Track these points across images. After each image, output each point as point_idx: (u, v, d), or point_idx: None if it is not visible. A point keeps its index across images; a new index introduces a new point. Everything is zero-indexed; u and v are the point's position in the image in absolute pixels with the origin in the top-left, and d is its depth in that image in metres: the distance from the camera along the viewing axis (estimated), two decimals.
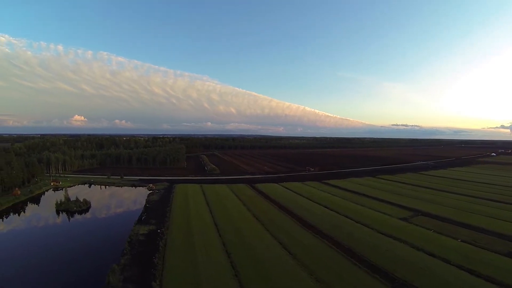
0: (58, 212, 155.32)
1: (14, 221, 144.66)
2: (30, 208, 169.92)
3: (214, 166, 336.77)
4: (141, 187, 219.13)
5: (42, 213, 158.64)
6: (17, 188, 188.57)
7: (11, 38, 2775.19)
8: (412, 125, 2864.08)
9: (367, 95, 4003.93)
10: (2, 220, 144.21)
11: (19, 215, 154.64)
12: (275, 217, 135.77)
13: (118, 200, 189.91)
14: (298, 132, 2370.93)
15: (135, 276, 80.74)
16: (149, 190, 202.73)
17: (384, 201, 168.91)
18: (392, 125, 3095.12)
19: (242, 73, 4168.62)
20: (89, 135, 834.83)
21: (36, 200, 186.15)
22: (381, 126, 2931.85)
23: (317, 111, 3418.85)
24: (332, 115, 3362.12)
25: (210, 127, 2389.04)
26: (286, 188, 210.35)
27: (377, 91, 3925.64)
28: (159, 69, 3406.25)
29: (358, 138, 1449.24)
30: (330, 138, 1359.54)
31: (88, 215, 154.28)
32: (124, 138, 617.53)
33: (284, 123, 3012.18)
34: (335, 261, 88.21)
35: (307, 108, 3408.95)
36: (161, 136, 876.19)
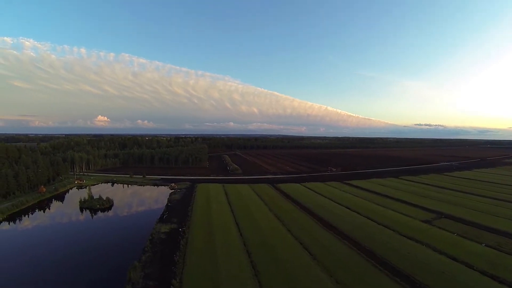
0: (81, 210, 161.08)
1: (39, 218, 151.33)
2: (55, 205, 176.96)
3: (236, 166, 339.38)
4: (163, 186, 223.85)
5: (66, 210, 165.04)
6: (42, 186, 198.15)
7: (35, 42, 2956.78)
8: (436, 125, 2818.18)
9: (388, 94, 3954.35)
10: (28, 216, 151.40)
11: (44, 211, 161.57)
12: (297, 217, 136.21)
13: (140, 199, 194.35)
14: (321, 132, 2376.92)
15: (156, 273, 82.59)
16: (171, 189, 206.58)
17: (406, 203, 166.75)
18: (415, 124, 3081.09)
19: (264, 73, 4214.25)
20: (112, 135, 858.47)
21: (60, 197, 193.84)
22: (404, 126, 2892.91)
23: (339, 110, 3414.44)
24: (354, 114, 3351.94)
25: (232, 127, 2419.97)
26: (308, 188, 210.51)
27: (399, 89, 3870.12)
28: (181, 70, 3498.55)
29: (380, 138, 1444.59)
30: (353, 138, 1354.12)
31: (110, 213, 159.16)
32: (147, 138, 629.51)
33: (306, 123, 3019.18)
34: (355, 263, 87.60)
35: (329, 108, 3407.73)
36: (183, 136, 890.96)
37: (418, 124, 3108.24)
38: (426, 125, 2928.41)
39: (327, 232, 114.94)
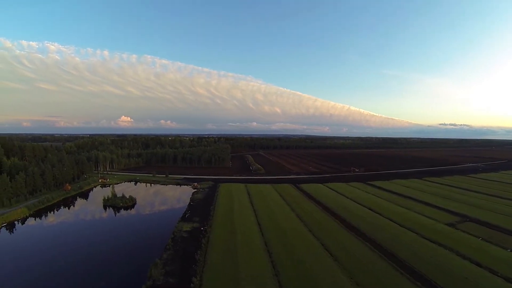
0: (105, 207, 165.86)
1: (63, 214, 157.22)
2: (79, 202, 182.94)
3: (259, 165, 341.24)
4: (185, 186, 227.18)
5: (90, 208, 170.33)
6: (67, 184, 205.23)
7: (60, 46, 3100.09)
8: (461, 125, 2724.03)
9: (412, 93, 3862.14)
10: (53, 213, 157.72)
11: (69, 208, 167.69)
12: (318, 218, 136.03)
13: (162, 198, 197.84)
14: (344, 132, 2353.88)
15: (176, 271, 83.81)
16: (194, 189, 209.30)
17: (430, 205, 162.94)
18: (440, 124, 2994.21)
19: (286, 73, 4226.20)
20: (135, 135, 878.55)
21: (85, 195, 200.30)
22: (428, 126, 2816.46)
23: (362, 110, 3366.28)
24: (377, 114, 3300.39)
25: (255, 127, 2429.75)
26: (330, 188, 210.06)
27: (423, 88, 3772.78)
28: (203, 70, 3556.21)
29: (404, 138, 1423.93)
30: (376, 138, 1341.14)
31: (133, 211, 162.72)
32: (170, 138, 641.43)
33: (329, 123, 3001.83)
34: (376, 265, 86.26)
35: (352, 108, 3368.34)
36: (206, 136, 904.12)
37: (442, 124, 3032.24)
38: (451, 124, 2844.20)
39: (349, 233, 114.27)
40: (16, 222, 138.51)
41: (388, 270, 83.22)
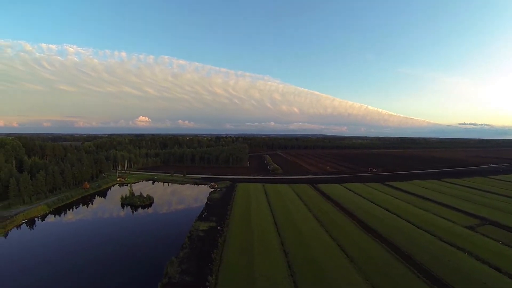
0: (122, 206, 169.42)
1: (82, 212, 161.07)
2: (98, 200, 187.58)
3: (276, 165, 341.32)
4: (203, 185, 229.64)
5: (108, 206, 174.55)
6: (86, 182, 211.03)
7: (79, 48, 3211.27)
8: (482, 124, 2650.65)
9: (431, 92, 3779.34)
10: (72, 210, 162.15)
11: (87, 206, 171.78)
12: (335, 218, 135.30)
13: (180, 197, 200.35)
14: (361, 131, 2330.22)
15: (192, 269, 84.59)
16: (211, 188, 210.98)
17: (449, 207, 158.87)
18: (460, 124, 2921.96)
19: (303, 72, 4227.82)
20: (153, 135, 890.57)
21: (103, 193, 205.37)
22: (448, 125, 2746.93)
23: (380, 110, 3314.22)
24: (395, 114, 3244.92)
25: (273, 127, 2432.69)
26: (347, 189, 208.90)
27: (442, 87, 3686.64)
28: (220, 70, 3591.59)
29: (423, 138, 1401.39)
30: (394, 138, 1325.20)
31: (150, 210, 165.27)
32: (187, 138, 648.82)
33: (347, 123, 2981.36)
34: (393, 268, 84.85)
35: (370, 107, 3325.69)
36: (224, 136, 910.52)
37: (462, 124, 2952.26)
38: (471, 124, 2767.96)
39: (366, 235, 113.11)
40: (36, 219, 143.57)
41: (404, 273, 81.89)
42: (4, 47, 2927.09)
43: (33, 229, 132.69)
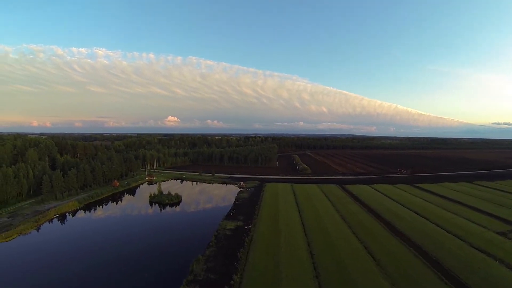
0: (151, 204, 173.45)
1: (111, 209, 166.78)
2: (126, 198, 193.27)
3: (305, 165, 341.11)
4: (231, 185, 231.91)
5: (136, 204, 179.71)
6: (116, 180, 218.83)
7: (108, 51, 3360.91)
8: None
9: (463, 90, 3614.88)
10: (102, 207, 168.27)
11: (116, 203, 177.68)
12: (363, 220, 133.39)
13: (208, 196, 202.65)
14: (391, 132, 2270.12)
15: (218, 267, 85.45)
16: (240, 188, 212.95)
17: (480, 211, 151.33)
18: (493, 123, 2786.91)
19: (331, 72, 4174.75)
20: (182, 134, 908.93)
21: (132, 191, 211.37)
22: (480, 125, 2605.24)
23: (409, 109, 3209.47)
24: (425, 113, 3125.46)
25: (302, 127, 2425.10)
26: (376, 190, 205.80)
27: (474, 85, 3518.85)
28: (248, 70, 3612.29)
29: (454, 138, 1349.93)
30: (424, 138, 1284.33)
31: (178, 208, 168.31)
32: (216, 138, 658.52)
33: (376, 123, 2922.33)
34: (420, 273, 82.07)
35: (399, 107, 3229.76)
36: (253, 135, 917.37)
37: (496, 123, 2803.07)
38: (505, 124, 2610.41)
39: (393, 238, 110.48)
40: (67, 214, 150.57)
41: (432, 279, 79.25)
42: (37, 52, 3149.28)
43: (64, 223, 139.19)
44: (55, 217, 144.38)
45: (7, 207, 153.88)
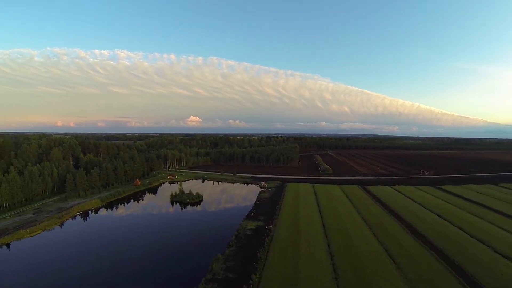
0: (172, 203, 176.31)
1: (132, 207, 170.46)
2: (148, 197, 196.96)
3: (327, 166, 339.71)
4: (253, 185, 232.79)
5: (157, 202, 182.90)
6: (137, 179, 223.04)
7: (129, 52, 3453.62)
8: None
9: (489, 88, 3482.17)
10: (123, 205, 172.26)
11: (138, 202, 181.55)
12: (384, 222, 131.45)
13: (229, 196, 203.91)
14: (413, 131, 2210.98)
15: (237, 267, 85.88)
16: (261, 188, 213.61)
17: (505, 215, 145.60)
18: None
19: (353, 71, 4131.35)
20: (204, 134, 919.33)
21: (153, 190, 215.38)
22: (506, 125, 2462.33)
23: (432, 108, 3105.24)
24: (449, 112, 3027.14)
25: (324, 127, 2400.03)
26: (397, 191, 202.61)
27: (500, 83, 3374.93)
28: (270, 70, 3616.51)
29: (479, 138, 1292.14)
30: (447, 138, 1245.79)
31: (199, 207, 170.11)
32: (238, 137, 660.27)
33: (398, 122, 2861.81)
34: (441, 278, 79.90)
35: (422, 106, 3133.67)
36: (275, 135, 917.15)
37: None
38: None
39: (415, 241, 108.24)
40: (90, 211, 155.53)
41: (453, 284, 77.14)
42: (60, 55, 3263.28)
43: (86, 221, 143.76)
44: (78, 214, 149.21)
45: (32, 204, 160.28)
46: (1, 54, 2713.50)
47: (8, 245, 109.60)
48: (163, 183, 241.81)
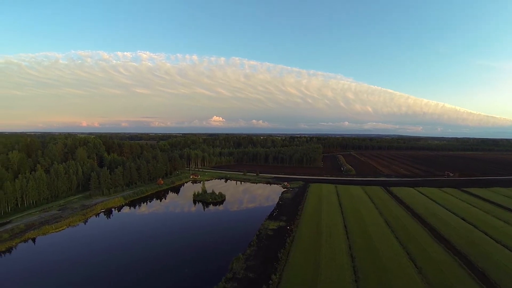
0: (194, 202, 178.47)
1: (155, 206, 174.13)
2: (170, 196, 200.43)
3: (350, 166, 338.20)
4: (275, 185, 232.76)
5: (180, 201, 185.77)
6: (160, 178, 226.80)
7: (151, 54, 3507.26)
8: None
9: None
10: (146, 204, 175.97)
11: (160, 201, 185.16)
12: (407, 224, 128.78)
13: (251, 196, 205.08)
14: (438, 132, 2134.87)
15: (257, 267, 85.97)
16: (284, 188, 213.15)
17: None
18: None
19: (376, 70, 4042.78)
20: (227, 134, 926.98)
21: (176, 189, 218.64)
22: None
23: (457, 108, 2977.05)
24: (475, 112, 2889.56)
25: (347, 127, 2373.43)
26: (421, 193, 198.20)
27: None
28: (292, 70, 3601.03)
29: (507, 139, 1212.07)
30: (473, 139, 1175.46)
31: (221, 207, 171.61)
32: (261, 137, 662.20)
33: (422, 122, 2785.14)
34: (465, 285, 77.08)
35: (447, 105, 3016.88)
36: (298, 135, 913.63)
37: None
38: None
39: (438, 245, 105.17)
40: (113, 209, 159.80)
41: None
42: (84, 57, 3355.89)
43: (109, 218, 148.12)
44: (102, 211, 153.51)
45: (57, 201, 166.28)
46: (28, 57, 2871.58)
47: (34, 240, 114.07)
48: (186, 182, 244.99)
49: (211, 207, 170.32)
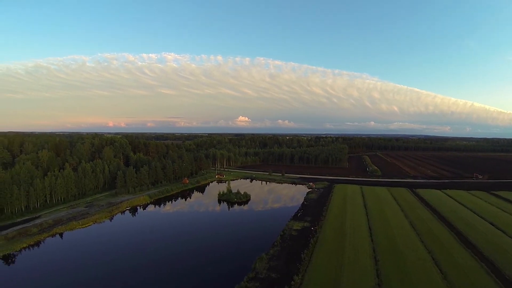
0: (219, 202, 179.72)
1: (180, 205, 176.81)
2: (195, 195, 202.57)
3: (375, 167, 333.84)
4: (301, 185, 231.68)
5: (205, 201, 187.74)
6: (186, 178, 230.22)
7: (176, 55, 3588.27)
8: None
9: None
10: (171, 202, 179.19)
11: (185, 200, 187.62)
12: (433, 228, 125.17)
13: (276, 196, 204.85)
14: (466, 132, 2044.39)
15: (280, 267, 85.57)
16: (309, 189, 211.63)
17: None
18: None
19: (401, 69, 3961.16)
20: (253, 134, 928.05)
21: (201, 189, 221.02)
22: None
23: (487, 106, 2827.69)
24: (506, 111, 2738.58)
25: (373, 127, 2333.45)
26: (448, 196, 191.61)
27: None
28: (317, 70, 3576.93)
29: None
30: (504, 139, 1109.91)
31: (246, 207, 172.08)
32: (287, 138, 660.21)
33: (450, 122, 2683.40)
34: None
35: (476, 104, 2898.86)
36: (324, 135, 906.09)
37: None
38: None
39: (464, 250, 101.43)
40: (138, 207, 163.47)
41: None
42: (110, 60, 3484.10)
43: (135, 216, 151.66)
44: (127, 209, 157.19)
45: (85, 198, 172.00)
46: (56, 61, 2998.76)
47: (61, 235, 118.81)
48: (211, 182, 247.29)
49: (236, 207, 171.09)
